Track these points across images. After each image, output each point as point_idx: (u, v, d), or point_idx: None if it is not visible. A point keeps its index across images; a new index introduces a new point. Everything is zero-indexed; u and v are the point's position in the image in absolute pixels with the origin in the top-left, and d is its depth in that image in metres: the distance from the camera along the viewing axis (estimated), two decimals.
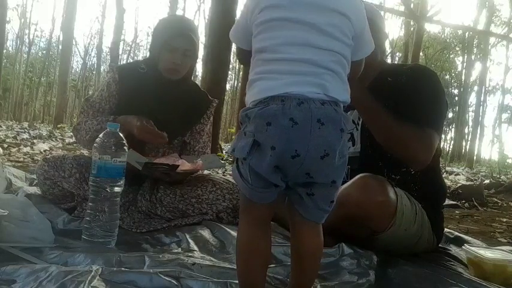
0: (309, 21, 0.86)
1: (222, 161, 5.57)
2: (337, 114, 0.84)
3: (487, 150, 39.71)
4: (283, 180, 0.87)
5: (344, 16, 0.88)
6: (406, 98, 1.46)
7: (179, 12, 22.16)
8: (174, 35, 1.74)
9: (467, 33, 25.30)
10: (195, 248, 1.39)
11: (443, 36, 29.78)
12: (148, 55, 1.88)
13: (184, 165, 1.66)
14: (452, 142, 30.17)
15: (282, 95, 0.83)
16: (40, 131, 9.89)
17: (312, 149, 0.82)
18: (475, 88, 28.92)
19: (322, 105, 0.83)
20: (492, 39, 24.58)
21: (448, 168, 11.23)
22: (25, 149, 5.43)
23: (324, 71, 0.85)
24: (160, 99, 1.80)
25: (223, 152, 6.83)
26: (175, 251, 1.38)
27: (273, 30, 0.87)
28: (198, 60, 1.93)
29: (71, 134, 10.58)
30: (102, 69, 28.77)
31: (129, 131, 1.61)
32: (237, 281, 0.96)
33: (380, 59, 1.60)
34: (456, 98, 29.86)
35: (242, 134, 0.87)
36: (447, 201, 3.30)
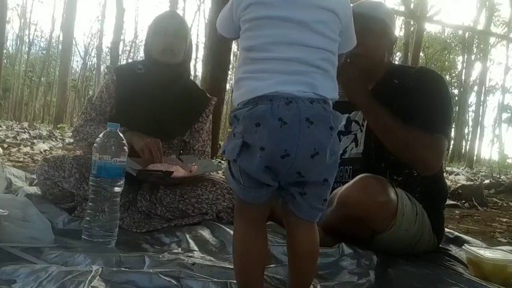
0: (298, 19, 0.85)
1: (221, 162, 5.58)
2: (326, 113, 0.84)
3: (487, 150, 39.78)
4: (274, 180, 0.86)
5: (331, 12, 0.88)
6: (414, 102, 1.45)
7: (179, 12, 22.15)
8: (163, 18, 1.83)
9: (467, 33, 25.29)
10: (195, 248, 1.39)
11: (443, 36, 29.78)
12: (144, 56, 1.89)
13: (178, 171, 1.66)
14: (452, 142, 30.17)
15: (270, 95, 0.82)
16: (40, 131, 9.89)
17: (301, 148, 0.82)
18: (475, 88, 28.94)
19: (311, 103, 0.83)
20: (492, 39, 24.58)
21: (448, 168, 11.24)
22: (25, 149, 5.43)
23: (313, 70, 0.85)
24: (158, 99, 1.80)
25: None
26: (175, 251, 1.38)
27: (261, 28, 0.87)
28: (198, 61, 1.95)
29: (71, 134, 10.59)
30: (102, 69, 28.72)
31: (131, 144, 1.60)
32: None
33: (387, 59, 1.60)
34: (456, 98, 29.83)
35: (231, 135, 0.87)
36: (447, 201, 3.30)
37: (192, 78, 1.97)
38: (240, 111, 0.85)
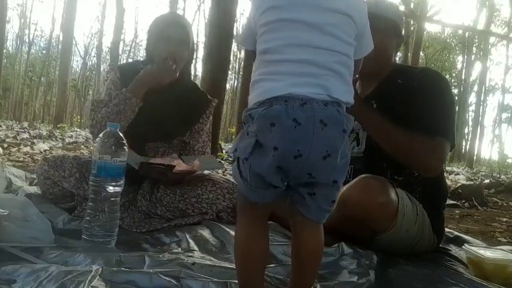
0: (308, 21, 0.86)
1: (221, 161, 5.60)
2: (339, 115, 0.85)
3: (487, 150, 39.83)
4: (283, 181, 0.87)
5: (346, 15, 0.88)
6: (417, 103, 1.45)
7: (179, 12, 22.16)
8: (167, 25, 1.79)
9: (467, 33, 25.29)
10: (195, 248, 1.39)
11: (443, 36, 29.78)
12: (145, 56, 1.88)
13: (180, 165, 1.65)
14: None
15: (285, 96, 0.83)
16: (40, 131, 9.90)
17: (314, 149, 0.82)
18: (475, 88, 28.94)
19: (325, 106, 0.83)
20: (492, 39, 24.58)
21: (448, 168, 11.24)
22: (25, 149, 5.42)
23: (327, 72, 0.85)
24: (159, 100, 1.80)
25: (223, 151, 6.83)
26: (175, 251, 1.38)
27: (276, 31, 0.87)
28: (198, 60, 1.94)
29: (71, 134, 10.60)
30: (102, 69, 28.75)
31: (150, 80, 1.70)
32: (237, 281, 0.96)
33: (392, 59, 1.60)
34: (456, 98, 29.79)
35: (244, 134, 0.87)
36: (447, 201, 3.30)
37: (192, 78, 1.95)
38: (254, 110, 0.85)
